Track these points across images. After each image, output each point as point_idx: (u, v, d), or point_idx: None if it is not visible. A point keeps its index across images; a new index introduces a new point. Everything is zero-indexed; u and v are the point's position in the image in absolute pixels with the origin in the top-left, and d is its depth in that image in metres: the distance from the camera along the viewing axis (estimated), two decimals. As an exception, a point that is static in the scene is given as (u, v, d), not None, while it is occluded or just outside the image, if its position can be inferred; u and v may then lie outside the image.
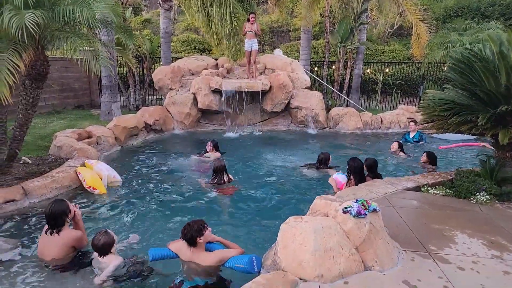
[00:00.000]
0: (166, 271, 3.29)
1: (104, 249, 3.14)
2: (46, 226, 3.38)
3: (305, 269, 2.75)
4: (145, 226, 4.22)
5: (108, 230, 3.27)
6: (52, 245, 3.29)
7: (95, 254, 3.21)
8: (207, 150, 6.97)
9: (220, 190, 5.30)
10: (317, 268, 2.73)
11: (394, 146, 7.49)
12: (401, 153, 7.37)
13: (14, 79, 3.80)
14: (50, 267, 3.26)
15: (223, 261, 3.09)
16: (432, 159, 6.50)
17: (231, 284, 3.10)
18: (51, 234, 3.31)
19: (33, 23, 3.58)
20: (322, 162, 6.23)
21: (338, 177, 5.17)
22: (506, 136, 3.99)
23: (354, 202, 3.06)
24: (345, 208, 3.04)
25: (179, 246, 3.22)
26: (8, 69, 3.77)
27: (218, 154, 6.93)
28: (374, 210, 3.07)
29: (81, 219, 3.59)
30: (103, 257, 3.15)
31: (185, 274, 3.16)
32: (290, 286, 2.64)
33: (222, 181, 5.42)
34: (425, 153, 6.61)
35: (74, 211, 3.49)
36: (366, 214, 2.98)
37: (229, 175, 5.57)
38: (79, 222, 3.54)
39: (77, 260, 3.36)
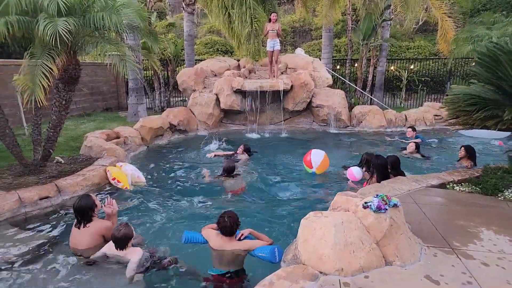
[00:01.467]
0: (187, 262, 3.41)
1: (123, 241, 3.27)
2: (76, 220, 3.62)
3: (325, 262, 2.77)
4: (164, 223, 4.35)
5: (129, 223, 3.43)
6: (83, 235, 3.51)
7: (111, 250, 3.34)
8: (238, 152, 7.08)
9: (232, 192, 5.42)
10: (337, 262, 2.75)
11: (411, 146, 7.17)
12: (418, 154, 7.07)
13: (48, 83, 4.07)
14: (82, 259, 3.46)
15: (250, 250, 3.22)
16: (470, 152, 6.07)
17: (251, 277, 3.19)
18: (79, 228, 3.55)
19: (66, 30, 3.84)
20: (365, 164, 5.82)
21: (352, 169, 5.22)
22: (535, 130, 3.87)
23: (374, 197, 3.07)
24: (365, 203, 3.05)
25: (210, 234, 3.36)
26: (43, 73, 4.05)
27: (246, 156, 7.00)
28: (395, 205, 3.06)
29: (116, 213, 3.82)
30: (120, 250, 3.27)
31: (212, 261, 3.29)
32: (310, 279, 2.68)
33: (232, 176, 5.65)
34: (462, 147, 6.19)
35: (102, 205, 3.74)
36: (387, 209, 2.98)
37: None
38: (112, 215, 3.77)
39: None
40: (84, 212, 3.53)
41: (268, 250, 3.11)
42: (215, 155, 7.16)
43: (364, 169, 5.47)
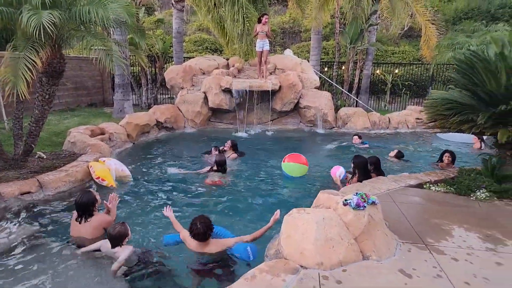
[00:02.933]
0: (175, 260, 3.47)
1: (118, 239, 3.31)
2: (75, 214, 3.73)
3: (306, 257, 2.88)
4: (150, 219, 4.38)
5: (125, 222, 3.48)
6: (87, 228, 3.66)
7: (105, 246, 3.38)
8: (225, 148, 7.04)
9: (210, 183, 5.56)
10: (317, 256, 2.86)
11: (392, 153, 7.25)
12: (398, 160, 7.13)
13: (31, 76, 4.03)
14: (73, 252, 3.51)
15: (226, 249, 3.32)
16: (452, 158, 6.39)
17: (235, 270, 3.27)
18: (80, 222, 3.67)
19: (50, 22, 3.80)
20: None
21: (336, 168, 5.40)
22: (505, 135, 4.07)
23: (354, 195, 3.20)
24: (345, 200, 3.17)
25: (186, 237, 3.44)
26: (26, 66, 4.00)
27: (234, 155, 6.96)
28: (373, 203, 3.20)
29: (115, 207, 3.99)
30: (114, 248, 3.32)
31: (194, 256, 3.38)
32: (291, 272, 2.77)
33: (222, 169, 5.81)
34: (447, 153, 6.48)
35: (104, 201, 3.94)
36: (365, 207, 3.11)
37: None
38: (113, 209, 3.96)
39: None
40: (86, 207, 3.67)
41: (242, 249, 3.23)
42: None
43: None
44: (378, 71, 14.88)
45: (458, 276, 2.78)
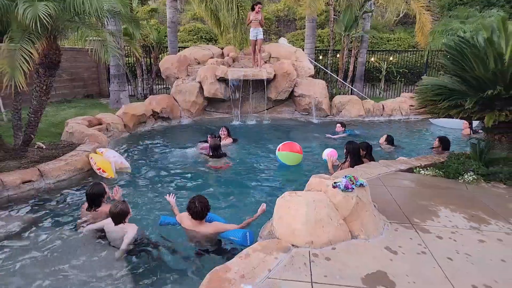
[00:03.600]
0: (171, 241, 3.62)
1: (121, 216, 3.48)
2: (86, 204, 3.95)
3: (297, 236, 3.02)
4: (150, 207, 4.52)
5: (126, 201, 3.65)
6: (96, 217, 3.85)
7: (108, 225, 3.54)
8: (221, 135, 7.17)
9: (216, 167, 5.79)
10: (308, 235, 3.00)
11: (382, 139, 7.29)
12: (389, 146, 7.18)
13: (28, 67, 4.11)
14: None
15: (219, 232, 3.47)
16: (443, 143, 6.47)
17: (230, 249, 3.43)
18: (90, 211, 3.88)
19: (46, 14, 3.87)
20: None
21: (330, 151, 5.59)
22: (491, 118, 4.20)
23: (343, 177, 3.34)
24: (335, 183, 3.31)
25: (182, 217, 3.59)
26: (23, 57, 4.09)
27: (230, 140, 7.21)
28: (361, 185, 3.33)
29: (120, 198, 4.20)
30: (117, 225, 3.48)
31: (189, 240, 3.51)
32: (283, 251, 2.91)
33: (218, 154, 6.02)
34: (437, 138, 6.65)
35: (110, 193, 4.17)
36: (353, 189, 3.25)
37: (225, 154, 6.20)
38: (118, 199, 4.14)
39: None
40: (95, 198, 3.90)
41: (240, 234, 3.38)
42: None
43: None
44: (372, 59, 14.93)
45: (441, 253, 2.93)
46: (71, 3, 4.21)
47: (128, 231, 3.43)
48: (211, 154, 6.10)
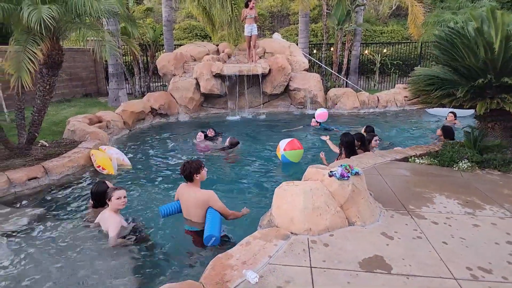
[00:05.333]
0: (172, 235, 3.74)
1: (100, 195, 3.63)
2: (91, 201, 4.04)
3: (296, 224, 3.13)
4: (151, 202, 4.60)
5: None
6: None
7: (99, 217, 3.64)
8: (208, 135, 7.27)
9: (227, 158, 6.13)
10: (306, 223, 3.11)
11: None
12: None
13: (34, 67, 4.23)
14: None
15: (209, 202, 3.55)
16: (446, 133, 6.41)
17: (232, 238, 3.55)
18: (96, 208, 3.96)
19: (50, 16, 3.98)
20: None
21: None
22: (483, 107, 4.33)
23: (339, 166, 3.46)
24: (331, 172, 3.44)
25: (179, 188, 3.73)
26: (28, 58, 4.20)
27: (220, 138, 7.37)
28: (357, 173, 3.46)
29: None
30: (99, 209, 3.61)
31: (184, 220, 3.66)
32: (282, 238, 3.03)
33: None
34: (441, 128, 6.67)
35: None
36: (349, 177, 3.37)
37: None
38: None
39: None
40: (100, 196, 3.95)
41: (208, 235, 3.30)
42: None
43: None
44: (366, 52, 15.03)
45: (437, 237, 3.04)
46: (72, 5, 4.32)
47: (110, 231, 3.48)
48: (229, 147, 6.49)
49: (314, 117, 8.43)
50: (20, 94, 5.07)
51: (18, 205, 4.44)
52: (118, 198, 3.57)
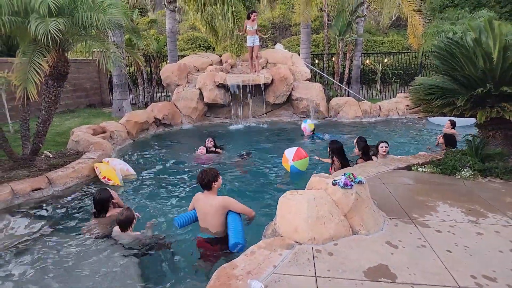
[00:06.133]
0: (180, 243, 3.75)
1: (127, 223, 3.62)
2: (95, 210, 4.09)
3: (300, 233, 3.13)
4: (156, 213, 4.61)
5: (130, 208, 3.78)
6: (105, 222, 4.00)
7: (116, 230, 3.69)
8: (207, 145, 7.11)
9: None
10: (310, 232, 3.11)
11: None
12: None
13: (40, 79, 4.30)
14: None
15: (229, 206, 3.61)
16: (448, 141, 6.39)
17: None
18: (97, 217, 4.03)
19: (57, 29, 4.08)
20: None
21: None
22: (484, 115, 4.37)
23: (342, 175, 3.48)
24: (334, 180, 3.46)
25: (195, 197, 3.76)
26: (35, 70, 4.28)
27: (219, 150, 7.28)
28: (360, 182, 3.48)
29: (120, 200, 4.40)
30: (123, 232, 3.63)
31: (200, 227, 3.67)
32: (287, 248, 3.02)
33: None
34: (442, 135, 6.70)
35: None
36: (352, 185, 3.39)
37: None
38: (120, 202, 4.34)
39: None
40: (103, 203, 4.05)
41: (233, 243, 3.35)
42: None
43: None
44: (367, 61, 15.16)
45: (441, 246, 3.04)
46: (79, 18, 4.43)
47: (137, 235, 3.60)
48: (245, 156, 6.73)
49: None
50: (25, 105, 5.13)
51: (21, 216, 4.44)
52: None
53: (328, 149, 5.53)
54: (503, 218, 3.53)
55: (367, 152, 5.66)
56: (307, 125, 8.32)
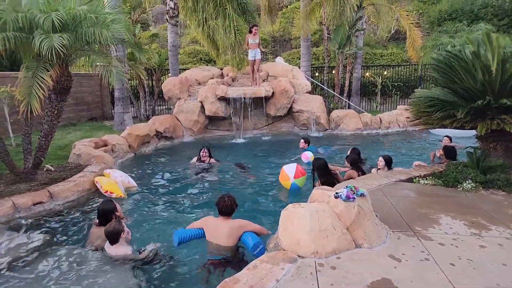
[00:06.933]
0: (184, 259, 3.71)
1: (114, 235, 3.61)
2: (97, 220, 4.09)
3: (302, 247, 3.11)
4: (158, 225, 4.62)
5: (121, 220, 3.79)
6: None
7: (107, 244, 3.66)
8: (202, 156, 7.08)
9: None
10: (312, 245, 3.10)
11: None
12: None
13: (44, 93, 4.36)
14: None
15: (246, 227, 3.63)
16: (448, 153, 6.38)
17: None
18: (100, 227, 3.97)
19: (61, 45, 4.15)
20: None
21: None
22: (484, 127, 4.39)
23: (344, 188, 3.48)
24: (336, 193, 3.45)
25: (207, 219, 3.73)
26: (39, 84, 4.34)
27: (213, 160, 7.25)
28: (362, 195, 3.48)
29: (122, 215, 4.38)
30: (113, 245, 3.60)
31: (208, 250, 3.63)
32: (289, 261, 3.01)
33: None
34: (443, 148, 6.71)
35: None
36: (355, 198, 3.39)
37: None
38: (121, 216, 4.32)
39: None
40: (107, 214, 4.04)
41: (253, 244, 3.44)
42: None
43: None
44: (367, 74, 15.30)
45: (444, 259, 3.01)
46: (83, 33, 4.51)
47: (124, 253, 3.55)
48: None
49: (303, 139, 8.28)
50: (28, 119, 5.16)
51: (22, 231, 4.41)
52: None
53: (313, 167, 5.44)
54: (506, 231, 3.51)
55: (356, 164, 5.69)
56: (308, 155, 7.24)
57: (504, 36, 5.29)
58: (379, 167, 5.98)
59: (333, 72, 14.32)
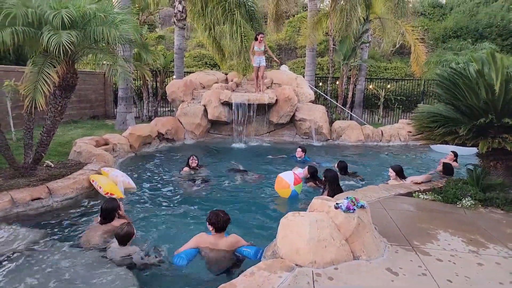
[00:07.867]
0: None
1: (125, 238, 3.60)
2: (98, 218, 4.14)
3: (301, 256, 3.11)
4: (157, 227, 4.60)
5: (131, 223, 3.78)
6: (108, 230, 4.01)
7: (113, 244, 3.66)
8: (191, 164, 6.93)
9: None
10: (311, 255, 3.09)
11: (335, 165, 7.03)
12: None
13: (49, 89, 4.37)
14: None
15: (238, 244, 3.65)
16: (446, 170, 6.54)
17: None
18: (102, 224, 4.06)
19: (69, 42, 4.17)
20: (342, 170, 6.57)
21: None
22: (485, 145, 4.40)
23: (345, 199, 3.48)
24: (337, 204, 3.45)
25: (200, 237, 3.70)
26: (44, 80, 4.36)
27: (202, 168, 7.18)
28: (362, 206, 3.47)
29: (125, 214, 4.41)
30: (121, 247, 3.60)
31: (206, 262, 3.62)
32: (286, 270, 3.00)
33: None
34: (442, 163, 6.85)
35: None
36: (355, 209, 3.39)
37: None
38: (124, 216, 4.36)
39: None
40: (110, 212, 4.09)
41: (254, 250, 3.57)
42: None
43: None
44: (371, 86, 15.38)
45: (441, 275, 3.01)
46: (91, 31, 4.54)
47: (133, 253, 3.57)
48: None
49: (300, 147, 8.19)
50: (32, 115, 5.17)
51: (20, 226, 4.39)
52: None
53: (323, 177, 5.40)
54: (504, 250, 3.51)
55: (315, 176, 5.96)
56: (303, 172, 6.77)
57: (508, 56, 5.33)
58: (391, 178, 5.98)
59: (337, 83, 14.40)
